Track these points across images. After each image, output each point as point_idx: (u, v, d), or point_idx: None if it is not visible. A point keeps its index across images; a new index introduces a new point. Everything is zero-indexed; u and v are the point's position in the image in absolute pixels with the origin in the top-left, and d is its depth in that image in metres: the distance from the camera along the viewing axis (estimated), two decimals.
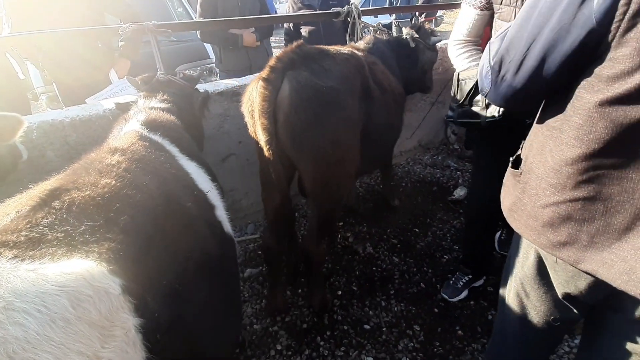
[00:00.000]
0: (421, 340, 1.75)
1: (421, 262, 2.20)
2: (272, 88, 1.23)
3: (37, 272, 0.48)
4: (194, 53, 3.37)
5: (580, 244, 0.76)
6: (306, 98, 1.24)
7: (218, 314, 0.86)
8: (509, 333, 1.13)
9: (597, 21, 0.62)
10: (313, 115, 1.26)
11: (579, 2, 0.64)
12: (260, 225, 2.61)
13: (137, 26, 1.84)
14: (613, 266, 0.71)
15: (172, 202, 0.83)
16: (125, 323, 0.52)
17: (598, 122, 0.68)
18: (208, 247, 0.89)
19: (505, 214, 0.96)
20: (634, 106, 0.63)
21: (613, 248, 0.71)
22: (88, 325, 0.47)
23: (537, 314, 1.00)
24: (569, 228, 0.77)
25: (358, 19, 2.51)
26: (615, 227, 0.71)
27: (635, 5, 0.58)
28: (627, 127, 0.65)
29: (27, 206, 0.60)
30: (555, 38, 0.69)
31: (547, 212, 0.80)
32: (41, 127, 1.63)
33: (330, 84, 1.30)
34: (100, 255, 0.54)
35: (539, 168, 0.82)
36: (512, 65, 0.78)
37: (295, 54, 1.32)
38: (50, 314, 0.45)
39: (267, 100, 1.22)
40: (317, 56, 1.37)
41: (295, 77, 1.25)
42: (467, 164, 3.28)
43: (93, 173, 0.72)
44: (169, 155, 0.99)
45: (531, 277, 0.96)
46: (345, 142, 1.39)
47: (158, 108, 1.24)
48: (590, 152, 0.70)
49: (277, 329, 1.84)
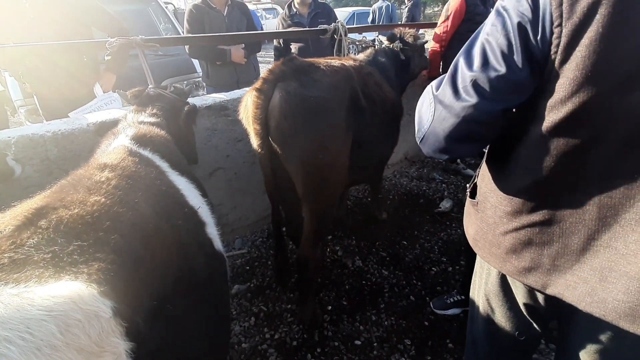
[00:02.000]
0: (412, 354, 1.74)
1: (410, 275, 2.21)
2: (264, 97, 1.36)
3: (21, 297, 0.45)
4: (181, 67, 3.35)
5: (543, 268, 0.76)
6: (294, 106, 1.34)
7: (208, 336, 0.84)
8: (478, 346, 1.14)
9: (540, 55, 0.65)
10: (301, 121, 1.35)
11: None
12: (248, 240, 2.57)
13: (125, 40, 1.82)
14: (576, 288, 0.72)
15: (163, 220, 0.81)
16: (116, 348, 0.49)
17: (542, 151, 0.69)
18: (198, 266, 0.87)
19: (471, 242, 0.97)
20: (571, 132, 0.65)
21: (574, 270, 0.72)
22: (76, 351, 0.45)
23: (503, 328, 1.00)
24: (531, 253, 0.77)
25: (344, 36, 2.58)
26: (573, 248, 0.71)
27: (564, 39, 0.60)
28: (568, 153, 0.66)
29: (10, 225, 0.57)
30: None
31: (507, 238, 0.81)
32: (20, 141, 1.57)
33: (318, 93, 1.38)
34: (90, 277, 0.52)
35: (493, 197, 0.83)
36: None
37: (286, 66, 1.42)
38: (35, 342, 0.43)
39: (260, 108, 1.35)
40: (307, 69, 1.45)
41: (285, 88, 1.36)
42: (452, 177, 3.36)
43: (82, 190, 0.69)
44: (160, 171, 0.98)
45: (495, 292, 0.97)
46: (333, 147, 1.47)
47: (148, 122, 1.22)
48: (539, 180, 0.71)
49: (266, 347, 1.79)
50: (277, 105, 1.34)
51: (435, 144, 0.80)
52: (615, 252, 0.66)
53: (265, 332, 1.87)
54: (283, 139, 1.39)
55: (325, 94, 1.41)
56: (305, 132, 1.37)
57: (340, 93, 1.49)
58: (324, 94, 1.40)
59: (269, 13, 15.06)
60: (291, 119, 1.34)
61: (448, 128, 0.75)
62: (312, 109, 1.36)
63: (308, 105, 1.35)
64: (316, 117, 1.37)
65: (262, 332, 1.87)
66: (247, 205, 2.52)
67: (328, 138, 1.43)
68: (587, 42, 0.57)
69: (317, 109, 1.38)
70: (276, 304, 2.02)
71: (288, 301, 2.04)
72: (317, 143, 1.40)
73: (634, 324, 0.66)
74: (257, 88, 1.36)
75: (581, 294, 0.71)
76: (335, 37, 2.60)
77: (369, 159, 1.89)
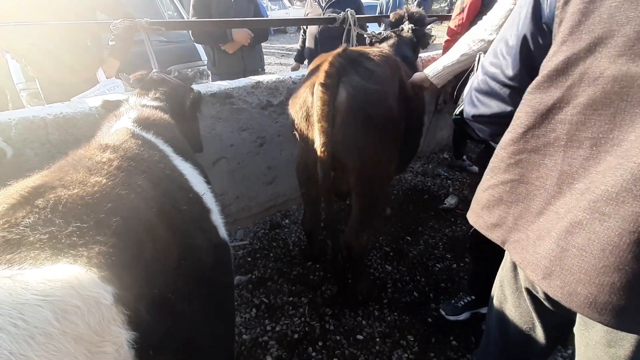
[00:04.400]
0: (415, 351, 1.71)
1: (414, 271, 2.18)
2: (331, 93, 1.33)
3: (14, 279, 0.42)
4: (185, 54, 3.28)
5: (506, 226, 0.80)
6: (361, 102, 1.37)
7: (213, 327, 0.80)
8: (491, 338, 1.12)
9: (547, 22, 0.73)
10: (366, 117, 1.38)
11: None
12: (250, 231, 2.54)
13: (130, 22, 1.77)
14: (519, 243, 0.76)
15: (166, 205, 0.77)
16: (117, 338, 0.46)
17: (523, 107, 0.74)
18: (202, 253, 0.84)
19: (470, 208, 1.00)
20: (546, 92, 0.69)
21: (527, 230, 0.75)
22: (74, 340, 0.41)
23: (512, 319, 1.00)
24: (500, 210, 0.81)
25: (353, 26, 2.51)
26: (532, 210, 0.74)
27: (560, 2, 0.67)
28: (541, 113, 0.70)
29: (4, 204, 0.53)
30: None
31: (485, 195, 0.85)
32: (21, 123, 1.53)
33: (377, 86, 1.41)
34: (90, 260, 0.48)
35: (493, 157, 0.88)
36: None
37: (343, 58, 1.42)
38: (28, 329, 0.39)
39: (327, 104, 1.32)
40: (360, 59, 1.47)
41: (350, 83, 1.37)
42: (457, 173, 3.31)
43: (82, 170, 0.65)
44: (163, 155, 0.93)
45: (508, 278, 0.97)
46: (390, 141, 1.51)
47: (151, 106, 1.18)
48: (516, 136, 0.76)
49: (267, 339, 1.77)
50: (345, 101, 1.35)
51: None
52: (556, 216, 0.68)
53: (267, 324, 1.84)
54: (347, 135, 1.39)
55: (383, 87, 1.43)
56: (369, 127, 1.39)
57: (393, 83, 1.53)
58: (382, 86, 1.43)
59: (274, 4, 14.91)
60: (358, 115, 1.36)
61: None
62: (375, 102, 1.39)
63: (371, 99, 1.38)
64: (378, 112, 1.40)
65: (263, 324, 1.84)
66: (250, 196, 2.49)
67: (387, 132, 1.47)
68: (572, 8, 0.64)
69: (379, 102, 1.41)
70: (277, 297, 2.00)
71: (290, 294, 2.01)
72: (378, 137, 1.43)
73: (546, 280, 0.67)
74: (322, 83, 1.32)
75: (520, 250, 0.75)
76: (345, 26, 2.53)
77: (411, 146, 1.96)
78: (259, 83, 2.23)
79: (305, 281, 2.09)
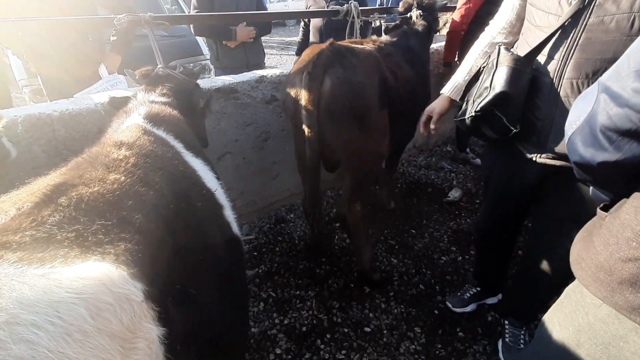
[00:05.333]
0: (422, 342, 1.73)
1: (419, 264, 2.19)
2: (317, 81, 1.53)
3: (48, 278, 0.42)
4: (187, 49, 3.25)
5: None
6: (343, 91, 1.55)
7: (230, 320, 0.81)
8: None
9: None
10: (347, 104, 1.57)
11: None
12: (255, 225, 2.55)
13: (133, 17, 1.75)
14: None
15: (183, 201, 0.77)
16: (149, 334, 0.46)
17: None
18: (218, 249, 0.84)
19: (572, 260, 0.83)
20: None
21: None
22: (108, 337, 0.42)
23: None
24: None
25: (357, 18, 2.49)
26: None
27: None
28: None
29: (29, 202, 0.54)
30: None
31: (628, 266, 0.66)
32: (27, 120, 1.52)
33: (359, 79, 1.59)
34: (118, 258, 0.49)
35: (629, 213, 0.67)
36: None
37: (330, 51, 1.59)
38: (65, 326, 0.39)
39: (313, 91, 1.52)
40: (345, 53, 1.63)
41: (335, 74, 1.55)
42: (461, 166, 3.31)
43: (100, 168, 0.65)
44: (175, 151, 0.93)
45: (596, 328, 0.75)
46: (370, 126, 1.67)
47: (159, 102, 1.17)
48: None
49: (275, 332, 1.79)
50: (329, 89, 1.54)
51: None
52: None
53: (275, 317, 1.86)
54: (332, 117, 1.58)
55: (364, 79, 1.61)
56: (349, 113, 1.58)
57: (373, 77, 1.70)
58: (363, 79, 1.61)
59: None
60: (340, 102, 1.55)
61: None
62: (356, 92, 1.58)
63: (353, 89, 1.57)
64: (358, 100, 1.59)
65: (272, 317, 1.86)
66: (255, 191, 2.49)
67: (367, 117, 1.65)
68: None
69: (359, 93, 1.59)
70: (285, 290, 2.01)
71: (297, 287, 2.03)
72: (359, 120, 1.62)
73: None
74: (310, 72, 1.51)
75: None
76: (348, 19, 2.51)
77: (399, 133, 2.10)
78: (263, 77, 2.22)
79: (312, 275, 2.11)
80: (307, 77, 1.52)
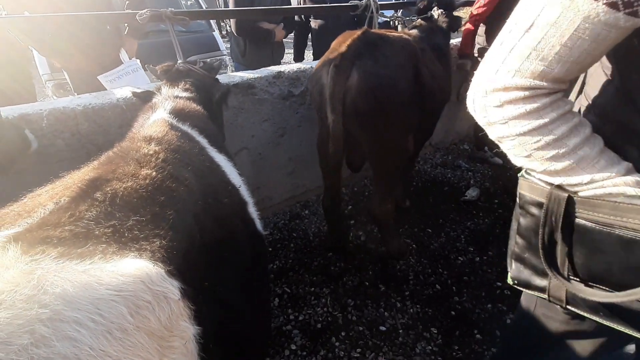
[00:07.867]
0: (439, 343, 1.71)
1: (436, 264, 2.16)
2: (344, 75, 1.46)
3: (88, 274, 0.42)
4: (204, 44, 3.26)
5: None
6: (371, 86, 1.47)
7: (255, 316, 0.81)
8: None
9: None
10: (374, 99, 1.49)
11: None
12: (270, 221, 2.55)
13: (155, 12, 1.76)
14: None
15: (210, 197, 0.77)
16: (185, 332, 0.46)
17: None
18: (244, 246, 0.84)
19: None
20: None
21: None
22: (147, 336, 0.41)
23: None
24: None
25: (376, 13, 2.45)
26: None
27: None
28: None
29: (65, 197, 0.54)
30: None
31: None
32: (52, 114, 1.55)
33: (389, 72, 1.50)
34: (154, 254, 0.48)
35: None
36: None
37: (361, 41, 1.51)
38: (106, 324, 0.39)
39: (339, 84, 1.46)
40: (378, 42, 1.55)
41: (362, 68, 1.47)
42: (479, 165, 3.25)
43: (132, 163, 0.66)
44: (201, 147, 0.93)
45: None
46: (399, 123, 1.62)
47: (183, 97, 1.17)
48: None
49: (290, 328, 1.79)
50: (356, 84, 1.46)
51: None
52: None
53: (290, 313, 1.86)
54: (357, 113, 1.52)
55: (395, 73, 1.52)
56: (377, 108, 1.51)
57: (406, 71, 1.61)
58: (394, 73, 1.52)
59: None
60: (366, 97, 1.48)
61: None
62: (385, 87, 1.49)
63: (381, 83, 1.48)
64: (387, 95, 1.51)
65: (287, 313, 1.86)
66: (271, 186, 2.49)
67: (396, 113, 1.57)
68: None
69: (388, 87, 1.50)
70: (299, 286, 2.01)
71: (311, 284, 2.03)
72: (386, 118, 1.55)
73: None
74: (337, 65, 1.44)
75: None
76: (367, 13, 2.47)
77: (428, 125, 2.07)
78: (280, 73, 2.21)
79: (326, 272, 2.10)
80: (333, 70, 1.45)
